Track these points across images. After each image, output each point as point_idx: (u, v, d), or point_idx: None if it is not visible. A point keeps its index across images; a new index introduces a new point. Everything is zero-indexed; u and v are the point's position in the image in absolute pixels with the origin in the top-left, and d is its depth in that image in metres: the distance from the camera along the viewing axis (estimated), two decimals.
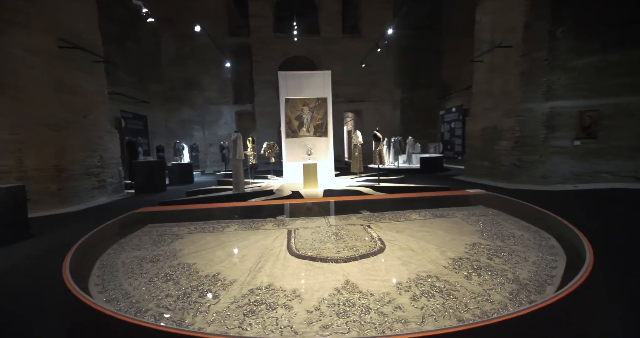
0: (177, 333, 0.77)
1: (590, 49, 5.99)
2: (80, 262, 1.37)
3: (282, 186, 6.92)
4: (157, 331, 0.83)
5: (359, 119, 13.27)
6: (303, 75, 7.76)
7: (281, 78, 7.70)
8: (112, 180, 6.55)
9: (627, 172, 6.08)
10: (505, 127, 6.71)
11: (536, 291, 1.06)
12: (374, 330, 0.90)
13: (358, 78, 12.12)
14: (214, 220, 2.37)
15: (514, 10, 6.48)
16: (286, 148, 7.87)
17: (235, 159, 6.25)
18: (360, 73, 11.94)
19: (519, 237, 1.62)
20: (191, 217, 2.44)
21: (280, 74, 7.69)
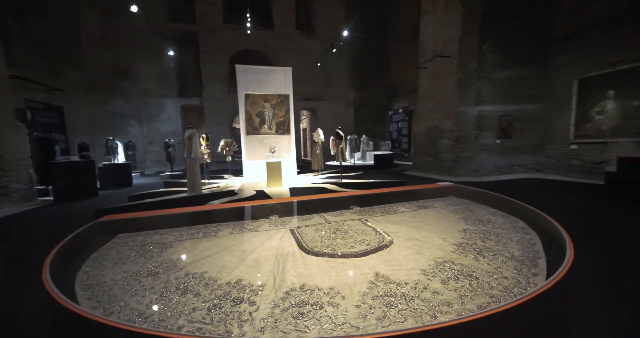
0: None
1: (507, 64, 7.26)
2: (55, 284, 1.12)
3: (243, 186, 6.63)
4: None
5: (315, 117, 13.47)
6: (263, 71, 7.53)
7: (239, 72, 7.32)
8: (18, 186, 5.30)
9: (531, 164, 7.61)
10: (445, 128, 7.67)
11: (532, 265, 1.31)
12: (425, 315, 1.00)
13: (314, 77, 12.26)
14: (201, 225, 2.18)
15: (451, 25, 7.42)
16: (246, 146, 7.55)
17: (190, 157, 5.74)
18: (315, 72, 12.11)
19: (495, 222, 1.94)
20: (170, 223, 2.19)
21: (238, 68, 7.31)
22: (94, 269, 1.49)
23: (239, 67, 7.39)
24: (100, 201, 5.87)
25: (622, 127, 5.93)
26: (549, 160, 7.35)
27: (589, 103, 6.45)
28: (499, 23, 7.05)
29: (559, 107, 7.02)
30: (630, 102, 5.81)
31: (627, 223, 3.11)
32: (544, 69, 7.20)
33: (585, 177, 6.47)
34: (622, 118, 5.95)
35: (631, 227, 2.90)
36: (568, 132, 6.84)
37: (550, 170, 7.31)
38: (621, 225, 2.98)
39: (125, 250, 1.74)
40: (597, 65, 6.21)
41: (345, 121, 12.59)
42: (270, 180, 6.45)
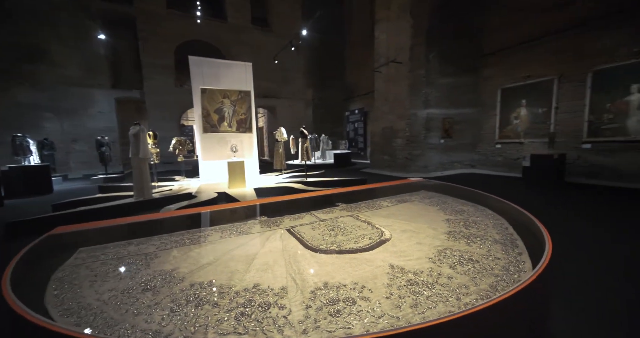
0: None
1: (448, 73, 8.22)
2: None
3: (200, 188, 6.18)
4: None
5: (273, 115, 13.19)
6: (221, 65, 7.08)
7: (193, 64, 6.76)
8: None
9: (467, 161, 8.78)
10: (399, 128, 8.33)
11: (514, 246, 1.56)
12: (451, 299, 1.11)
13: (271, 74, 11.97)
14: (182, 231, 1.97)
15: (402, 34, 8.06)
16: (203, 145, 7.03)
17: (137, 157, 5.12)
18: (273, 69, 11.83)
19: (468, 211, 2.22)
20: (142, 232, 1.93)
21: (192, 59, 6.74)
22: (66, 291, 1.24)
23: (193, 58, 6.81)
24: (7, 213, 4.64)
25: (532, 129, 7.27)
26: (480, 157, 8.59)
27: (509, 109, 7.74)
28: (441, 36, 7.93)
29: (487, 111, 8.25)
30: (537, 110, 7.16)
31: (542, 203, 3.99)
32: (476, 78, 8.36)
33: (508, 170, 7.76)
34: (531, 122, 7.29)
35: (546, 205, 3.75)
36: (494, 133, 8.10)
37: (482, 165, 8.55)
38: (538, 205, 3.81)
39: (98, 265, 1.48)
40: (515, 78, 7.48)
41: (304, 120, 12.63)
42: (233, 180, 6.12)
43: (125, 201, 5.03)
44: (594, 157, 6.24)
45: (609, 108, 6.06)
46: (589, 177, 6.28)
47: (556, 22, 6.59)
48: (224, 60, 7.28)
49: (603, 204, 4.21)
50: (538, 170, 6.34)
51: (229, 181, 6.09)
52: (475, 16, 8.06)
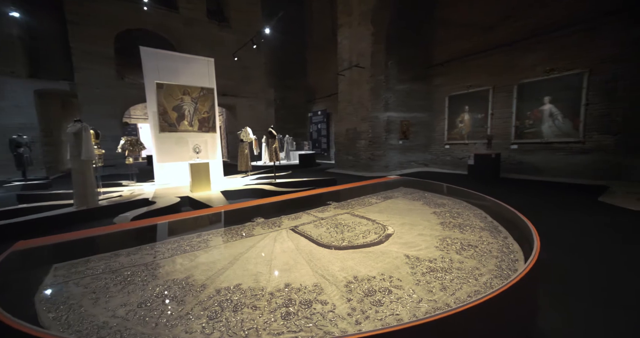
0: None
1: (404, 79, 8.94)
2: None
3: (157, 193, 5.66)
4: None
5: (232, 115, 12.59)
6: (180, 59, 6.55)
7: (145, 56, 6.15)
8: None
9: (422, 160, 9.66)
10: (362, 130, 8.75)
11: (498, 232, 1.82)
12: (471, 279, 1.26)
13: (230, 71, 11.42)
14: (174, 237, 1.81)
15: (364, 41, 8.51)
16: (159, 145, 6.43)
17: (79, 160, 4.51)
18: (232, 66, 11.31)
19: (448, 204, 2.49)
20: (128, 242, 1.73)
21: (145, 51, 6.13)
22: (65, 312, 1.06)
23: (145, 49, 6.19)
24: None
25: (474, 132, 8.36)
26: (432, 156, 9.53)
27: (455, 114, 8.76)
28: (399, 45, 8.59)
29: (437, 116, 9.21)
30: (477, 115, 8.25)
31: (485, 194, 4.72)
32: (428, 86, 9.26)
33: (455, 168, 8.77)
34: (473, 126, 8.38)
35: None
36: (443, 136, 9.08)
37: (433, 164, 9.50)
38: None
39: (90, 281, 1.28)
40: (459, 87, 8.51)
41: (266, 120, 12.35)
42: (196, 183, 5.74)
43: (64, 211, 4.34)
44: (520, 156, 7.44)
45: (529, 115, 7.29)
46: (517, 172, 7.47)
47: (490, 40, 7.70)
48: (184, 54, 6.74)
49: (527, 194, 5.14)
50: (480, 167, 7.31)
51: (191, 184, 5.68)
52: (426, 29, 8.93)
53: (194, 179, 5.71)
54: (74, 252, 1.61)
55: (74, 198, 4.54)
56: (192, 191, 5.67)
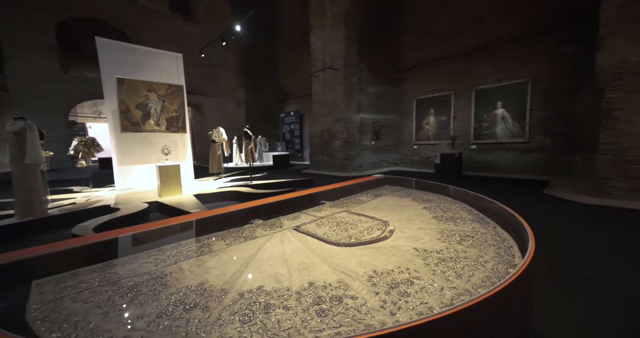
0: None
1: (375, 82, 9.31)
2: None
3: (119, 198, 5.20)
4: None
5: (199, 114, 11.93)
6: (143, 52, 6.06)
7: (102, 47, 5.60)
8: None
9: (392, 160, 10.14)
10: (337, 130, 8.91)
11: (485, 223, 2.00)
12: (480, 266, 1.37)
13: (196, 68, 10.82)
14: (170, 244, 1.68)
15: (337, 43, 8.69)
16: (120, 146, 5.89)
17: (21, 163, 4.03)
18: (199, 63, 10.73)
19: (434, 200, 2.66)
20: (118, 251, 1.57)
21: (101, 42, 5.59)
22: (71, 330, 0.93)
23: (102, 41, 5.64)
24: None
25: (439, 133, 9.01)
26: (401, 156, 10.06)
27: (422, 116, 9.36)
28: (370, 49, 8.92)
29: (406, 118, 9.74)
30: (442, 118, 8.91)
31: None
32: (397, 89, 9.75)
33: (423, 167, 9.36)
34: (438, 128, 9.03)
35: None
36: (412, 136, 9.64)
37: (403, 163, 10.03)
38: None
39: (89, 295, 1.14)
40: (425, 91, 9.11)
41: (236, 120, 11.93)
42: (166, 187, 5.36)
43: (5, 222, 3.78)
44: (478, 155, 8.20)
45: (485, 118, 8.07)
46: (476, 170, 8.22)
47: (451, 49, 8.38)
48: (148, 47, 6.24)
49: (486, 189, 5.74)
50: (445, 166, 7.90)
51: (160, 188, 5.30)
52: (394, 35, 9.41)
53: (163, 183, 5.33)
54: (53, 266, 1.42)
55: (15, 207, 3.98)
56: (161, 195, 5.29)
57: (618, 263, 2.20)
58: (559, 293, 1.80)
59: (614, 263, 2.21)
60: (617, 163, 4.81)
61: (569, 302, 1.71)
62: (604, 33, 4.88)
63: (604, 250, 2.49)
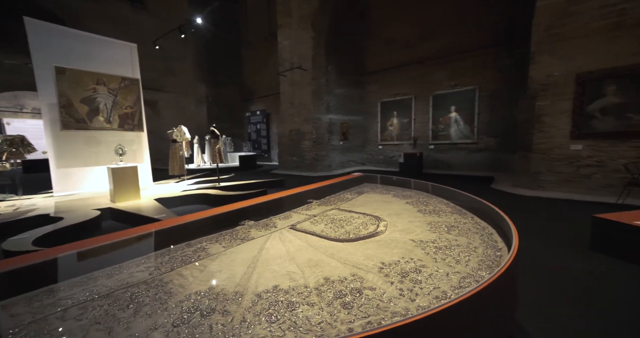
0: None
1: (342, 84, 9.57)
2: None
3: (59, 206, 4.62)
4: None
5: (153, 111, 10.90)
6: (89, 40, 5.40)
7: (33, 30, 4.91)
8: None
9: (359, 159, 10.51)
10: (306, 131, 8.94)
11: (463, 214, 2.20)
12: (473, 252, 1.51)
13: (149, 61, 9.87)
14: (161, 249, 1.53)
15: (304, 44, 8.73)
16: (59, 146, 5.19)
17: None
18: (151, 55, 9.81)
19: (412, 195, 2.84)
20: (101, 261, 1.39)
21: (33, 24, 4.88)
22: None
23: (34, 22, 4.90)
24: None
25: (402, 134, 9.61)
26: (368, 156, 10.48)
27: (386, 118, 9.88)
28: (337, 51, 9.14)
29: (371, 119, 10.19)
30: (403, 120, 9.52)
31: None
32: (363, 91, 10.15)
33: (388, 166, 9.88)
34: (401, 129, 9.62)
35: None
36: (377, 137, 10.11)
37: (369, 163, 10.46)
38: None
39: (80, 312, 0.99)
40: (389, 94, 9.64)
41: (196, 119, 11.19)
42: (121, 191, 4.87)
43: None
44: (436, 155, 8.93)
45: (441, 121, 8.84)
46: (435, 168, 8.94)
47: (411, 56, 9.01)
48: (96, 35, 5.54)
49: (443, 184, 6.32)
50: (408, 164, 8.45)
51: (113, 193, 4.79)
52: (359, 40, 9.78)
53: (118, 187, 4.81)
54: (14, 286, 1.20)
55: None
56: (116, 201, 4.77)
57: (544, 243, 2.84)
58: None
59: (540, 243, 2.85)
60: (546, 160, 5.66)
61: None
62: (535, 50, 5.71)
63: (533, 232, 3.18)
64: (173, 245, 1.63)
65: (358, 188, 3.25)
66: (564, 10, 5.33)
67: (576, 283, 2.18)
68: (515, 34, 7.17)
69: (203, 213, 2.05)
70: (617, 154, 4.98)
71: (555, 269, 2.41)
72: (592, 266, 2.46)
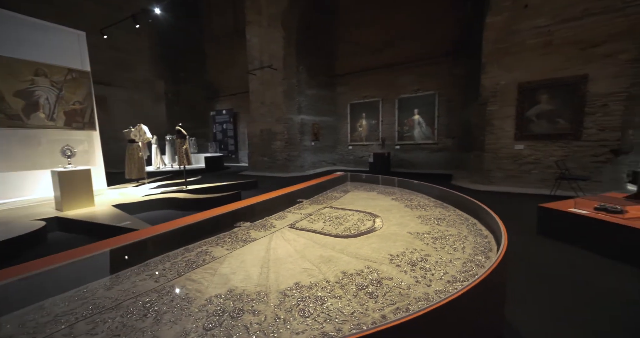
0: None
1: (313, 85, 9.65)
2: None
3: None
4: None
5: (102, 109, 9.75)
6: (25, 23, 4.69)
7: None
8: None
9: (330, 160, 10.69)
10: (278, 131, 8.82)
11: (444, 206, 2.40)
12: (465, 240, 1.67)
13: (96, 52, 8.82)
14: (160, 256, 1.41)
15: (275, 43, 8.63)
16: None
17: None
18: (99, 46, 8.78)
19: (395, 192, 3.01)
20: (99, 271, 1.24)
21: None
22: None
23: None
24: None
25: (370, 135, 10.01)
26: (338, 156, 10.71)
27: (355, 119, 10.21)
28: (307, 52, 9.19)
29: (342, 120, 10.43)
30: (372, 121, 9.94)
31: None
32: (333, 93, 10.34)
33: (358, 166, 10.21)
34: (370, 130, 10.02)
35: None
36: (347, 138, 10.39)
37: (340, 163, 10.70)
38: None
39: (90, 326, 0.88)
40: (358, 96, 9.97)
41: (155, 117, 10.32)
42: (71, 198, 4.37)
43: None
44: (402, 154, 9.48)
45: (406, 123, 9.41)
46: (400, 167, 9.48)
47: (378, 61, 9.45)
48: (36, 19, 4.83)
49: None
50: (377, 164, 8.83)
51: (61, 200, 4.27)
52: (329, 42, 9.96)
53: (67, 193, 4.27)
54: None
55: None
56: (64, 209, 4.24)
57: None
58: None
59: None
60: (495, 159, 6.38)
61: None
62: (485, 61, 6.40)
63: None
64: (170, 251, 1.52)
65: (342, 187, 3.33)
66: (508, 28, 6.07)
67: (529, 262, 2.54)
68: (469, 45, 7.97)
69: (194, 217, 1.93)
70: (549, 152, 5.81)
71: (512, 249, 2.73)
72: (539, 247, 2.87)
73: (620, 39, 4.85)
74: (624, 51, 4.86)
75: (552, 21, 5.44)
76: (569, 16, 5.26)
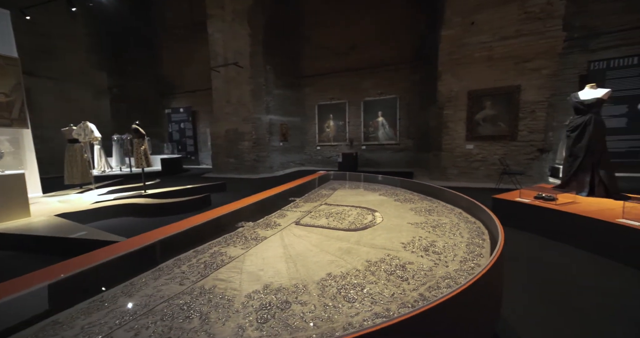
0: None
1: (280, 85, 9.56)
2: None
3: None
4: None
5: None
6: None
7: None
8: None
9: (299, 160, 10.68)
10: (245, 131, 8.53)
11: (430, 200, 2.61)
12: (460, 228, 1.86)
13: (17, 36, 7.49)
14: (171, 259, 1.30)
15: (240, 39, 8.35)
16: None
17: None
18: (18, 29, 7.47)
19: (380, 189, 3.17)
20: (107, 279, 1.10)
21: None
22: None
23: None
24: None
25: (338, 136, 10.28)
26: (307, 156, 10.76)
27: (323, 120, 10.38)
28: (274, 52, 9.07)
29: (309, 121, 10.51)
30: (339, 122, 10.22)
31: None
32: (300, 94, 10.36)
33: (326, 166, 10.38)
34: (337, 131, 10.29)
35: None
36: (315, 138, 10.50)
37: (308, 163, 10.76)
38: None
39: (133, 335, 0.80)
40: (325, 98, 10.16)
41: (96, 114, 9.12)
42: (1, 208, 3.73)
43: None
44: (367, 154, 9.92)
45: (371, 124, 9.88)
46: (366, 166, 9.91)
47: (344, 64, 9.76)
48: None
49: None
50: (345, 163, 9.11)
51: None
52: (295, 43, 9.96)
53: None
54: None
55: None
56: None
57: None
58: None
59: None
60: (451, 157, 7.09)
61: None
62: (441, 70, 7.08)
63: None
64: (180, 253, 1.42)
65: (330, 184, 3.40)
66: (459, 41, 6.81)
67: None
68: (427, 53, 8.72)
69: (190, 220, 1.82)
70: (493, 151, 6.66)
71: None
72: None
73: (543, 57, 5.80)
74: (546, 67, 5.82)
75: (493, 38, 6.27)
76: (505, 35, 6.11)
